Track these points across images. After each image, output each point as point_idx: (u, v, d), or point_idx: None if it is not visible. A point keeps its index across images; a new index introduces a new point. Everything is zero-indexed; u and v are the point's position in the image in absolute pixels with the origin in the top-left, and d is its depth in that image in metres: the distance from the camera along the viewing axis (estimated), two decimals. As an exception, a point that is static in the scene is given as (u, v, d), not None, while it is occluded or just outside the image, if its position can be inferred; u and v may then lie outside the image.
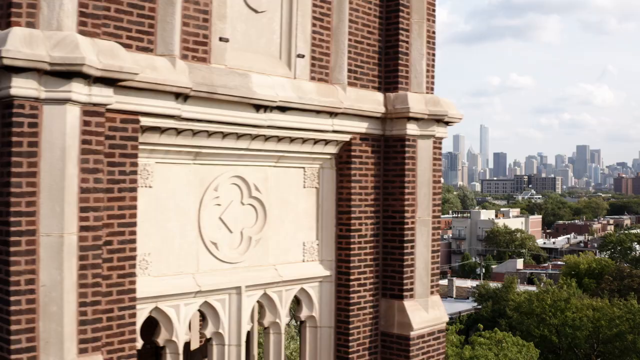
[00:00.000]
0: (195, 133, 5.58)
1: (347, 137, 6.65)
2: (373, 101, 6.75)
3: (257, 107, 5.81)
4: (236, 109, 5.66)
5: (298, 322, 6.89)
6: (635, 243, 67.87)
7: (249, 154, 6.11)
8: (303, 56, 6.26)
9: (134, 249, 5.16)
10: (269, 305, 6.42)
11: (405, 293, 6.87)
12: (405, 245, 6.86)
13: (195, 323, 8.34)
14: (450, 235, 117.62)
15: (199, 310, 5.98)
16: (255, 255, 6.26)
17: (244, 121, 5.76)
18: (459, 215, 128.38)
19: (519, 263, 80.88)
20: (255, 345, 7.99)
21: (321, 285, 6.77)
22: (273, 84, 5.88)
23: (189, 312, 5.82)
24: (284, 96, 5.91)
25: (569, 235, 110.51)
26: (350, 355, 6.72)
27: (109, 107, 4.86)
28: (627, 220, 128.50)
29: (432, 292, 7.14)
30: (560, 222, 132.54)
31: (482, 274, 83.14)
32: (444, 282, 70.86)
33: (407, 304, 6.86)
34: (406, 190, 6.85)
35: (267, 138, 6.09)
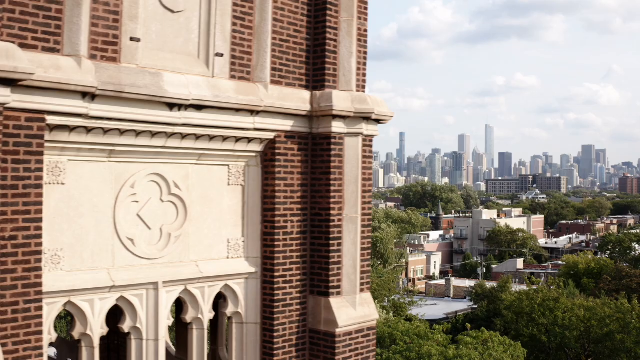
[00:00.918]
0: (106, 131, 5.66)
1: (271, 135, 6.71)
2: (298, 99, 6.81)
3: (171, 106, 5.88)
4: (147, 108, 5.74)
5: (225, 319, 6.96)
6: (635, 243, 67.55)
7: (167, 151, 6.18)
8: (222, 55, 6.33)
9: (39, 244, 5.25)
10: (191, 301, 6.49)
11: (331, 290, 6.93)
12: (331, 242, 6.92)
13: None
14: (453, 235, 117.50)
15: (117, 305, 6.06)
16: (176, 252, 6.34)
17: (156, 119, 5.84)
18: (461, 215, 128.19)
19: (519, 263, 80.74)
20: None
21: (247, 282, 6.84)
22: (187, 83, 5.95)
23: (105, 307, 5.90)
24: (198, 94, 5.98)
25: (571, 235, 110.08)
26: (275, 352, 6.78)
27: (10, 106, 4.96)
28: (630, 220, 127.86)
29: (361, 290, 7.19)
30: (564, 221, 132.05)
31: (482, 274, 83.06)
32: (442, 282, 70.89)
33: (334, 301, 6.91)
34: (332, 188, 6.90)
35: (184, 136, 6.16)
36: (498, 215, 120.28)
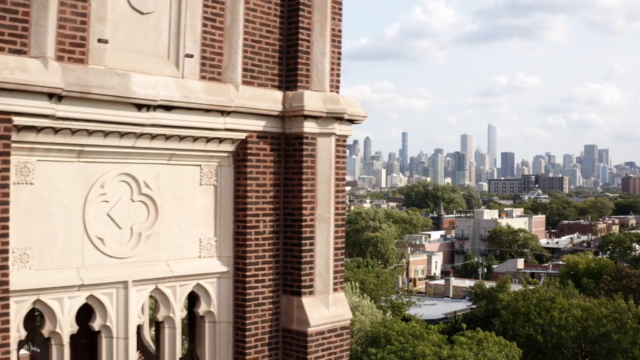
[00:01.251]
0: (74, 132, 5.72)
1: (242, 135, 6.76)
2: (270, 99, 6.86)
3: (139, 106, 5.94)
4: (115, 108, 5.79)
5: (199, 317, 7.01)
6: (635, 243, 67.39)
7: (137, 152, 6.24)
8: (192, 56, 6.38)
9: (6, 243, 5.30)
10: (162, 300, 6.55)
11: (303, 290, 6.97)
12: (304, 242, 6.96)
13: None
14: (454, 235, 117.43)
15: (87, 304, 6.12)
16: (146, 251, 6.39)
17: (124, 120, 5.89)
18: (463, 215, 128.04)
19: (520, 263, 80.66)
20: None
21: (219, 281, 6.89)
22: (155, 84, 6.01)
23: (74, 306, 5.96)
24: (166, 95, 6.03)
25: (572, 235, 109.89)
26: (247, 350, 6.83)
27: (-25, 106, 5.02)
28: (632, 220, 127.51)
29: (335, 289, 7.23)
30: (565, 222, 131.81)
31: (483, 274, 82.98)
32: (441, 282, 70.86)
33: (306, 300, 6.96)
34: (304, 188, 6.95)
35: (153, 136, 6.22)
36: (499, 215, 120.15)
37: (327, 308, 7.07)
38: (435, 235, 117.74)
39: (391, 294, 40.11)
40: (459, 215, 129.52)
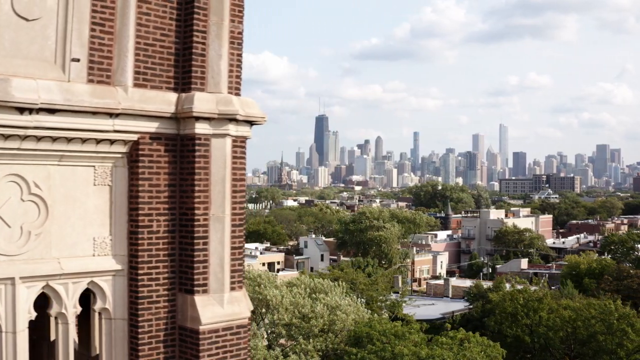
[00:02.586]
0: (-45, 134, 5.92)
1: (134, 137, 6.93)
2: (162, 101, 7.01)
3: (21, 110, 6.12)
4: (-5, 112, 5.98)
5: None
6: (638, 243, 66.77)
7: (24, 153, 6.42)
8: (78, 60, 6.55)
9: None
10: (54, 297, 6.73)
11: (197, 288, 7.13)
12: (196, 241, 7.11)
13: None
14: (460, 235, 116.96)
15: (-25, 301, 6.31)
16: (36, 249, 6.58)
17: (6, 123, 6.08)
18: (469, 215, 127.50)
19: (523, 263, 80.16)
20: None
21: (114, 279, 7.06)
22: (37, 88, 6.19)
23: (-41, 302, 6.16)
24: (48, 99, 6.21)
25: (579, 235, 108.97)
26: (140, 347, 7.00)
27: None
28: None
29: (232, 288, 7.37)
30: (574, 221, 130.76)
31: (488, 274, 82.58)
32: (440, 282, 70.64)
33: (199, 299, 7.11)
34: (197, 188, 7.10)
35: (39, 138, 6.40)
36: (506, 215, 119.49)
37: (222, 307, 7.21)
38: (442, 235, 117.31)
39: (385, 294, 40.09)
40: (466, 215, 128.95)
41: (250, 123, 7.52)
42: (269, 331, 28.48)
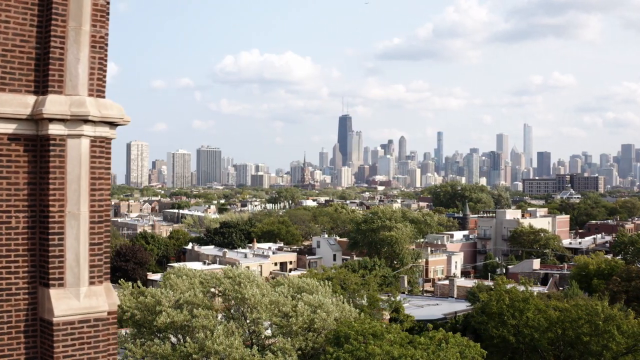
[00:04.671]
0: None
1: (-10, 138, 7.27)
2: (19, 104, 7.34)
3: None
4: None
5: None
6: (650, 244, 65.52)
7: None
8: None
9: None
10: None
11: (52, 282, 7.44)
12: (52, 237, 7.43)
13: None
14: (477, 235, 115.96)
15: None
16: None
17: None
18: (485, 215, 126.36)
19: (535, 263, 79.22)
20: None
21: (-25, 273, 7.41)
22: None
23: None
24: None
25: (595, 236, 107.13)
26: (1, 337, 7.34)
27: None
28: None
29: (92, 283, 7.66)
30: (593, 222, 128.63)
31: (501, 274, 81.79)
32: (445, 282, 70.18)
33: (54, 292, 7.42)
34: (52, 186, 7.41)
35: None
36: (522, 215, 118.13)
37: (78, 300, 7.50)
38: (458, 235, 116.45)
39: (374, 294, 40.12)
40: (481, 215, 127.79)
41: (111, 124, 7.80)
42: (250, 330, 28.78)
